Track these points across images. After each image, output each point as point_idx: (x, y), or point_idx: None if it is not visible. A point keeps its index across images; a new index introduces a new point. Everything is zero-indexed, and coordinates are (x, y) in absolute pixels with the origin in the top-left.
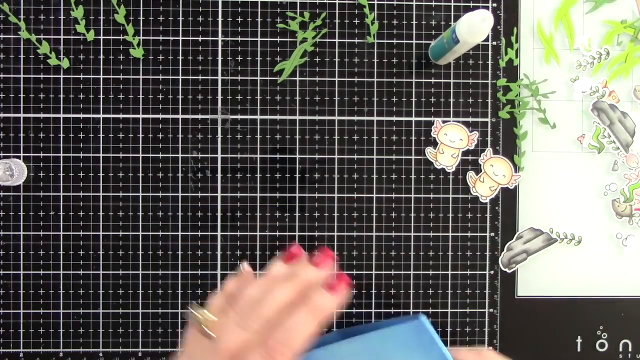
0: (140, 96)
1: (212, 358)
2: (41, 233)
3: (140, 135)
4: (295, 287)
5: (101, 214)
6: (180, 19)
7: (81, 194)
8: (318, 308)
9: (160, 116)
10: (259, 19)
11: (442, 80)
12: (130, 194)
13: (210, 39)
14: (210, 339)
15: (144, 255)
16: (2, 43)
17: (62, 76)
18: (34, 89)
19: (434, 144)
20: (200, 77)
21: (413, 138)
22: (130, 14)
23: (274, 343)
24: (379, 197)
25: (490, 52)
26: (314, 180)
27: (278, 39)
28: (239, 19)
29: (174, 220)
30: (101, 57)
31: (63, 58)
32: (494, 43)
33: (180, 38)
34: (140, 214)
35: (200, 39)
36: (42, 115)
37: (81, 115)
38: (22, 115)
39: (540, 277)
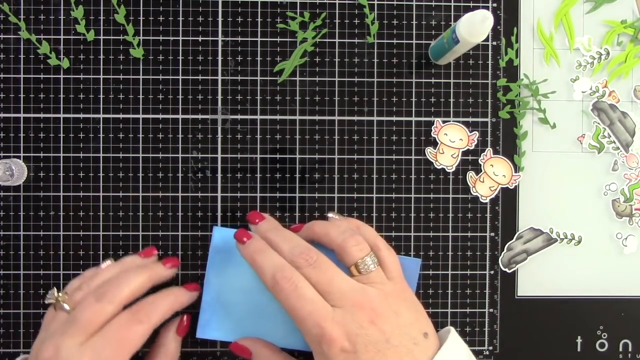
0: (140, 96)
1: (70, 328)
2: (41, 233)
3: (140, 135)
4: (145, 273)
5: (101, 214)
6: (180, 19)
7: (81, 194)
8: (176, 297)
9: (160, 116)
10: (259, 19)
11: (442, 80)
12: (130, 194)
13: (210, 39)
14: (65, 311)
15: None
16: (2, 43)
17: (62, 76)
18: (34, 89)
19: (434, 144)
20: (200, 77)
21: (413, 138)
22: (130, 14)
23: (141, 310)
24: (379, 197)
25: (490, 52)
26: (314, 180)
27: (278, 39)
28: (239, 19)
29: (174, 220)
30: (101, 57)
31: (63, 58)
32: (494, 43)
33: (180, 38)
34: (140, 214)
35: (200, 39)
36: (42, 115)
37: (81, 115)
38: (22, 115)
39: (540, 277)
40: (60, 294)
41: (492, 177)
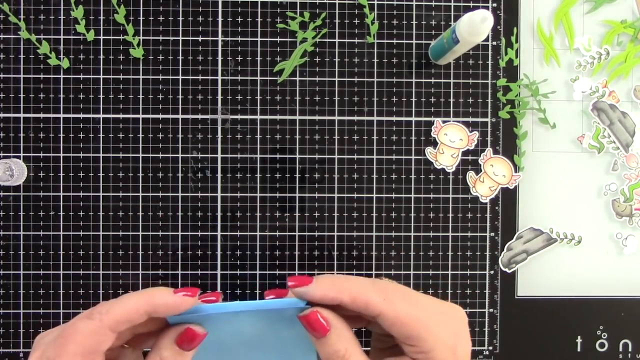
0: (140, 96)
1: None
2: (41, 233)
3: (140, 135)
4: (144, 293)
5: (101, 214)
6: (180, 19)
7: (81, 194)
8: (156, 296)
9: (160, 116)
10: (259, 19)
11: (442, 80)
12: (130, 194)
13: (210, 39)
14: None
15: (144, 255)
16: (2, 43)
17: (62, 76)
18: (34, 89)
19: (434, 144)
20: (200, 77)
21: (413, 138)
22: (130, 14)
23: (100, 304)
24: (379, 197)
25: (490, 52)
26: (314, 180)
27: (278, 39)
28: (239, 19)
29: (174, 220)
30: (101, 57)
31: (63, 58)
32: (494, 43)
33: (180, 38)
34: (140, 214)
35: (200, 39)
36: (42, 115)
37: (81, 115)
38: (22, 115)
39: (540, 277)
40: None
41: (492, 177)
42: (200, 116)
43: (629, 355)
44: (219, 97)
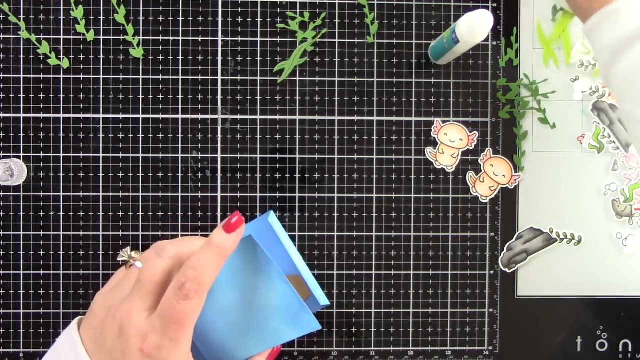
0: (140, 96)
1: (136, 288)
2: (41, 233)
3: (140, 135)
4: (200, 240)
5: (101, 214)
6: (180, 19)
7: (81, 194)
8: (219, 245)
9: (160, 116)
10: (259, 19)
11: (442, 80)
12: (130, 194)
13: (210, 39)
14: (138, 269)
15: None
16: (2, 43)
17: (62, 76)
18: (34, 89)
19: (434, 144)
20: (200, 77)
21: (413, 138)
22: (130, 14)
23: (187, 282)
24: (379, 197)
25: (490, 52)
26: (314, 180)
27: (278, 39)
28: (239, 19)
29: (174, 220)
30: (101, 57)
31: (63, 58)
32: (494, 43)
33: (180, 38)
34: (140, 214)
35: (200, 39)
36: (42, 115)
37: (81, 115)
38: (22, 115)
39: (540, 277)
40: (133, 253)
41: (492, 177)
42: (200, 116)
43: (629, 355)
44: (219, 97)
